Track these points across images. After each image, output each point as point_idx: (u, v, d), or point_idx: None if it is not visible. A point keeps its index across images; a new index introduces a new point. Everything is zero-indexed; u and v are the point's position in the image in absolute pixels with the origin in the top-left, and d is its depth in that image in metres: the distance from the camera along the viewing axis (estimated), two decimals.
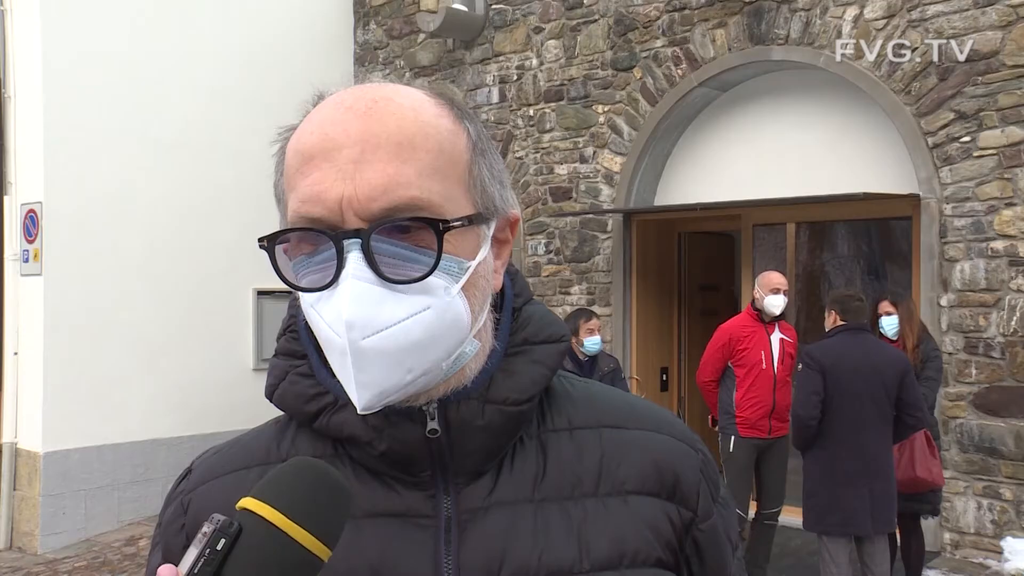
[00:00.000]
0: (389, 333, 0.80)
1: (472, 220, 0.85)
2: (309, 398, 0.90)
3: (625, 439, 0.94)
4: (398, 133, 0.82)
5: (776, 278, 5.65)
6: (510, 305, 0.94)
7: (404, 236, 0.81)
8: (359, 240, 0.79)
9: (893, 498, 4.69)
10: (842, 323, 4.78)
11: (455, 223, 0.82)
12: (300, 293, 0.85)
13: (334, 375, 0.87)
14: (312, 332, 0.88)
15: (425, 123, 0.84)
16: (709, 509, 0.95)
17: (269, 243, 0.84)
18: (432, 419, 0.86)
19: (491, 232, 0.88)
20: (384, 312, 0.80)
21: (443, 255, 0.81)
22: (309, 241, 0.83)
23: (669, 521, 0.91)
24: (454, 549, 0.86)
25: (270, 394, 0.94)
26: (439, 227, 0.80)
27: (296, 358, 0.93)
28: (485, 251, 0.87)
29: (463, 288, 0.84)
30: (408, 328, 0.80)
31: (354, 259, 0.79)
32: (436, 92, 0.89)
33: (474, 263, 0.85)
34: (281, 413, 0.98)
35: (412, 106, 0.84)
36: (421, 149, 0.82)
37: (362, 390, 0.81)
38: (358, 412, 0.83)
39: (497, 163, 0.90)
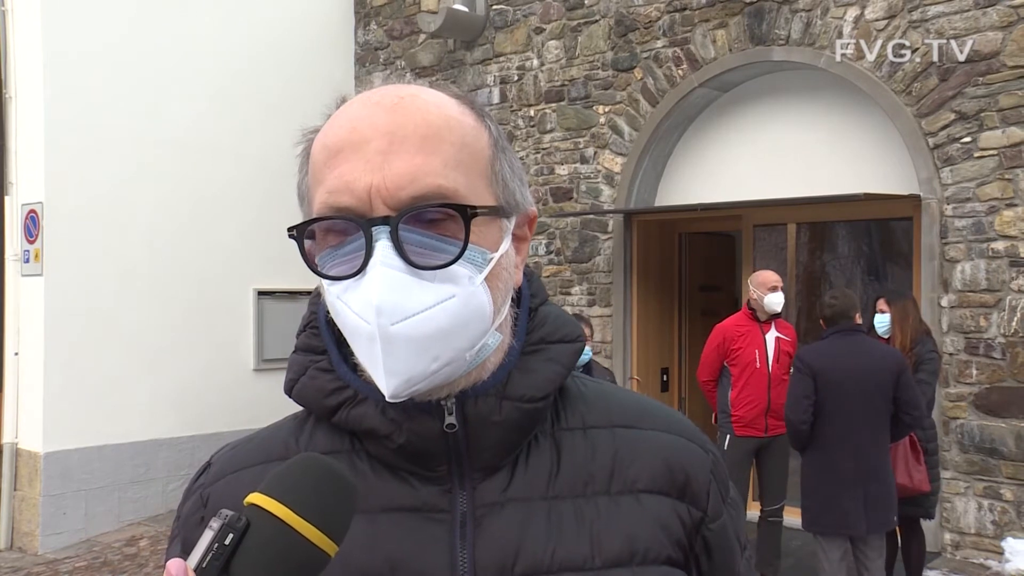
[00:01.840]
0: (417, 320, 0.81)
1: (496, 211, 0.87)
2: (329, 392, 0.91)
3: (637, 439, 0.95)
4: (424, 126, 0.84)
5: (772, 276, 5.67)
6: (527, 304, 0.96)
7: (430, 226, 0.83)
8: (388, 228, 0.81)
9: (891, 498, 4.69)
10: (830, 325, 4.79)
11: (482, 210, 0.84)
12: (326, 285, 0.86)
13: (354, 370, 0.89)
14: (333, 328, 0.90)
15: (450, 117, 0.87)
16: (719, 509, 0.97)
17: (298, 232, 0.86)
18: (450, 414, 0.88)
19: (512, 227, 0.91)
20: (412, 299, 0.81)
21: (470, 244, 0.83)
22: (337, 231, 0.84)
23: (679, 520, 0.93)
24: (469, 543, 0.87)
25: (289, 389, 0.95)
26: (467, 212, 0.82)
27: (316, 353, 0.94)
28: (507, 244, 0.89)
29: (487, 279, 0.86)
30: (435, 315, 0.82)
31: (383, 247, 0.81)
32: (457, 93, 0.92)
33: (497, 255, 0.87)
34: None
35: (437, 102, 0.88)
36: (446, 141, 0.85)
37: (390, 377, 0.82)
38: (387, 399, 0.84)
39: (516, 162, 0.93)
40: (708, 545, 0.95)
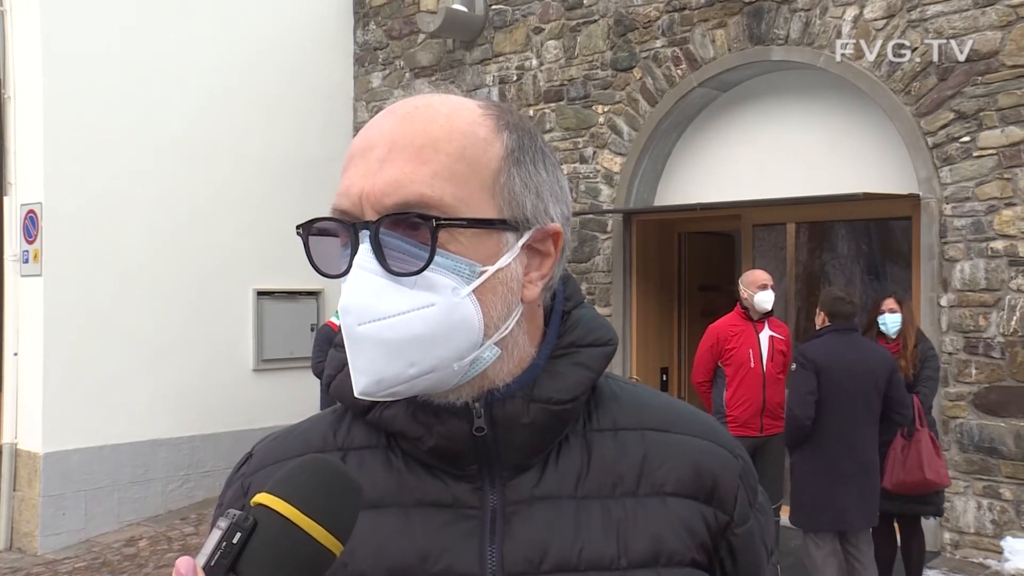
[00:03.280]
0: (387, 323, 0.83)
1: (483, 224, 0.86)
2: None
3: (667, 442, 0.96)
4: (423, 136, 0.86)
5: (761, 275, 5.68)
6: (560, 308, 0.97)
7: (413, 233, 0.84)
8: (368, 232, 0.84)
9: (877, 493, 4.76)
10: (837, 321, 4.81)
11: (453, 222, 0.84)
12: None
13: None
14: None
15: (453, 128, 0.87)
16: (746, 514, 0.98)
17: (304, 231, 0.89)
18: (479, 417, 0.89)
19: (520, 241, 0.89)
20: (385, 302, 0.83)
21: (451, 255, 0.84)
22: (340, 232, 0.89)
23: (705, 523, 0.94)
24: (498, 540, 0.89)
25: (327, 385, 0.98)
26: (432, 223, 0.83)
27: None
28: (508, 259, 0.88)
29: (476, 292, 0.86)
30: (408, 321, 0.83)
31: (363, 250, 0.84)
32: (488, 103, 0.93)
33: (491, 269, 0.87)
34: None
35: (447, 112, 0.89)
36: (442, 152, 0.86)
37: (358, 375, 0.85)
38: (355, 396, 0.87)
39: (537, 174, 0.91)
40: (733, 549, 0.96)
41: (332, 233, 0.89)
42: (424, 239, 0.84)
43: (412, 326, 0.83)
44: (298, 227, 0.89)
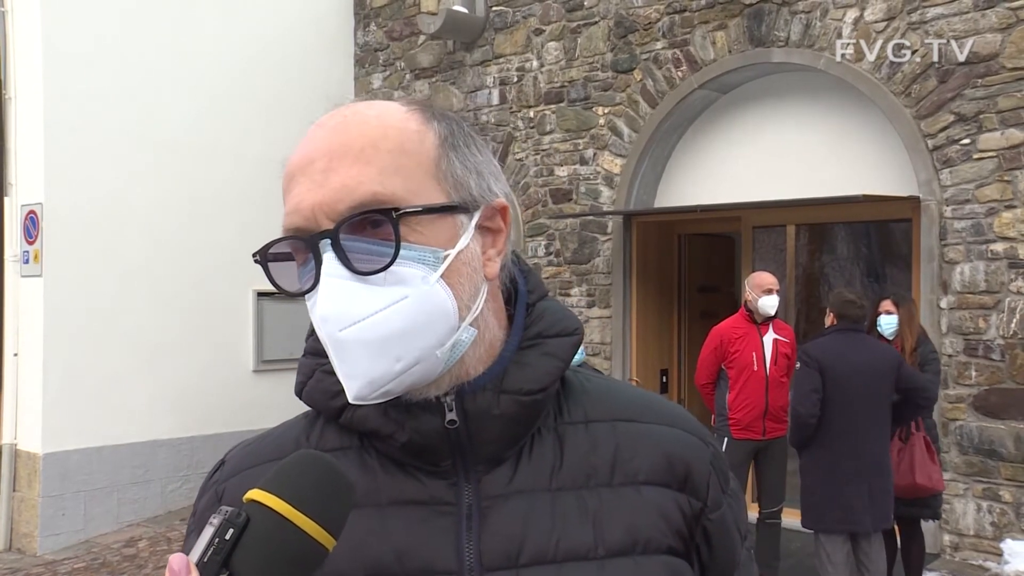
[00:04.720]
0: (367, 324, 0.84)
1: (438, 209, 0.88)
2: (334, 394, 0.94)
3: (639, 432, 0.98)
4: (360, 139, 0.88)
5: (768, 278, 5.65)
6: (524, 301, 0.98)
7: (374, 232, 0.85)
8: (329, 240, 0.84)
9: (891, 495, 4.73)
10: (843, 323, 4.82)
11: (410, 210, 0.86)
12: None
13: None
14: None
15: (388, 126, 0.89)
16: (719, 500, 0.99)
17: (261, 256, 0.89)
18: (450, 410, 0.90)
19: (473, 221, 0.91)
20: (359, 304, 0.84)
21: (414, 245, 0.85)
22: (297, 250, 0.89)
23: (680, 510, 0.95)
24: (475, 535, 0.89)
25: (299, 391, 0.99)
26: (391, 215, 0.84)
27: (322, 356, 0.97)
28: (466, 240, 0.90)
29: (444, 276, 0.87)
30: (386, 318, 0.84)
31: (328, 259, 0.84)
32: (409, 100, 0.95)
33: (453, 252, 0.88)
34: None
35: (377, 114, 0.91)
36: (383, 150, 0.87)
37: (349, 380, 0.86)
38: (350, 402, 0.87)
39: (474, 156, 0.93)
40: (708, 535, 0.97)
41: (288, 255, 0.89)
42: (385, 235, 0.85)
43: (391, 321, 0.84)
44: (254, 255, 0.89)
